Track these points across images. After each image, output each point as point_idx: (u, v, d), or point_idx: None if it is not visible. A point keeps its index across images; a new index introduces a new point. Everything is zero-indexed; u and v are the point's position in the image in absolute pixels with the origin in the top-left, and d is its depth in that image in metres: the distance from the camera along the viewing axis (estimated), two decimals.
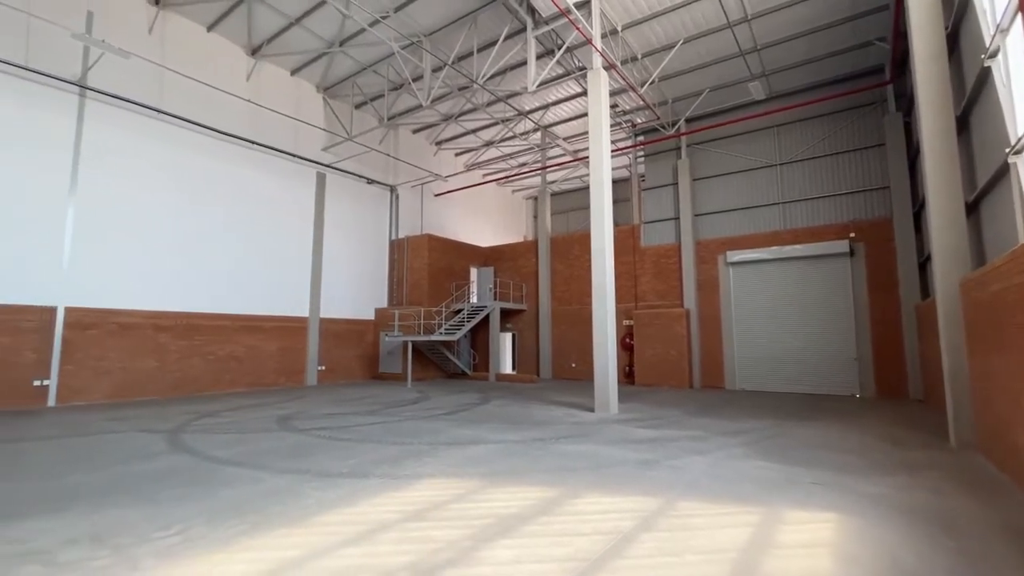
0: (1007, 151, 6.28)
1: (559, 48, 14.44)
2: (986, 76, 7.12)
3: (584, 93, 18.25)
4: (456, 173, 23.94)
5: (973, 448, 7.18)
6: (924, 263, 13.22)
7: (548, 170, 23.49)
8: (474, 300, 22.49)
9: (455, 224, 25.02)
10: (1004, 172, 6.61)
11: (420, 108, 18.70)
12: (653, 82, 16.23)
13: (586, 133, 21.19)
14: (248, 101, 16.17)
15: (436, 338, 17.75)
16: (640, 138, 19.97)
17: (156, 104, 14.01)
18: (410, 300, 20.85)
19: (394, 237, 21.61)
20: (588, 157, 14.53)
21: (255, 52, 16.27)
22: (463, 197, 25.52)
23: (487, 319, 20.54)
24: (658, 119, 17.85)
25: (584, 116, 20.14)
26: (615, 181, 24.53)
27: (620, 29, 14.13)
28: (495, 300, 20.94)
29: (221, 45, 15.65)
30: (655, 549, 3.72)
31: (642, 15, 13.67)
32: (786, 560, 3.54)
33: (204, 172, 15.11)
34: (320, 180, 18.61)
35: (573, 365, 20.21)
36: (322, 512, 4.53)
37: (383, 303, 21.14)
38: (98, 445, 7.43)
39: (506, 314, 22.28)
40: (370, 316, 20.45)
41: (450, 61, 14.57)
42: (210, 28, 15.21)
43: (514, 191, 30.05)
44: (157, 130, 14.09)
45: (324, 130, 18.65)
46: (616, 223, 22.14)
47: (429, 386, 17.15)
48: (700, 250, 17.74)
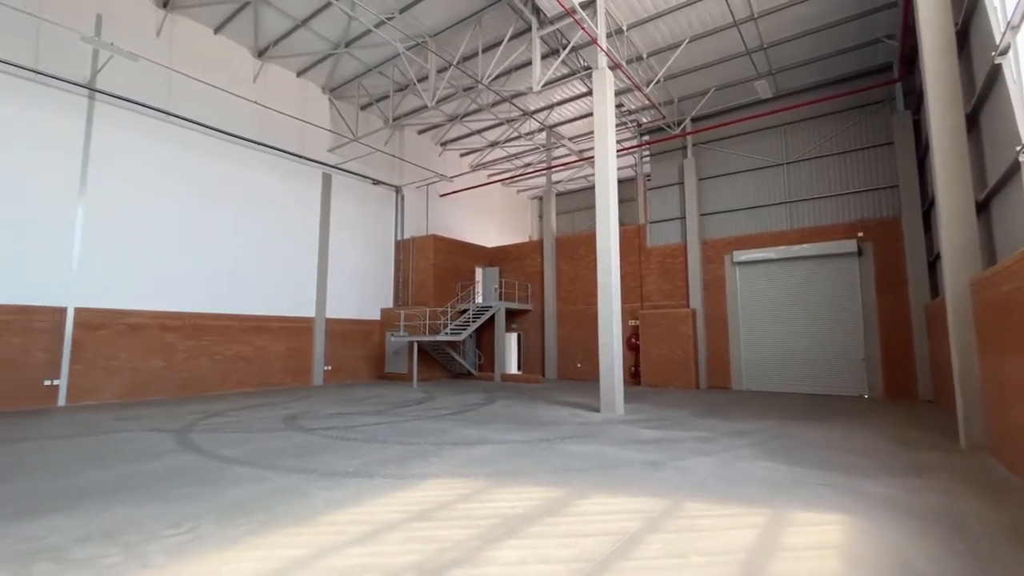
0: (1018, 149, 6.21)
1: (564, 48, 14.41)
2: (996, 73, 7.03)
3: (589, 93, 18.21)
4: (461, 173, 24.00)
5: (983, 450, 7.10)
6: (933, 262, 13.08)
7: (553, 170, 23.46)
8: (479, 300, 22.48)
9: (460, 224, 25.05)
10: (1015, 170, 6.53)
11: (425, 109, 18.73)
12: (659, 81, 16.17)
13: (591, 133, 21.16)
14: (255, 103, 16.27)
15: (441, 338, 17.78)
16: (646, 137, 19.91)
17: (164, 106, 14.14)
18: (415, 300, 20.90)
19: (399, 237, 21.68)
20: (593, 157, 14.49)
21: (262, 54, 16.37)
22: (468, 197, 25.55)
23: (492, 319, 20.56)
24: (664, 118, 17.78)
25: (589, 116, 20.10)
26: (620, 181, 24.54)
27: (625, 28, 14.09)
28: (500, 300, 20.96)
29: (228, 47, 15.77)
30: (661, 550, 3.71)
31: (647, 14, 13.63)
32: (794, 562, 3.52)
33: (211, 173, 15.22)
34: (326, 181, 18.70)
35: (578, 365, 20.17)
36: (328, 511, 4.55)
37: (389, 303, 21.20)
38: (108, 444, 7.51)
39: (511, 314, 22.28)
40: (376, 316, 20.52)
41: (455, 61, 14.58)
42: (217, 30, 15.34)
43: (519, 191, 30.04)
44: (165, 132, 14.22)
45: (330, 131, 18.73)
46: (622, 223, 22.15)
47: (435, 386, 17.19)
48: (706, 250, 17.65)
